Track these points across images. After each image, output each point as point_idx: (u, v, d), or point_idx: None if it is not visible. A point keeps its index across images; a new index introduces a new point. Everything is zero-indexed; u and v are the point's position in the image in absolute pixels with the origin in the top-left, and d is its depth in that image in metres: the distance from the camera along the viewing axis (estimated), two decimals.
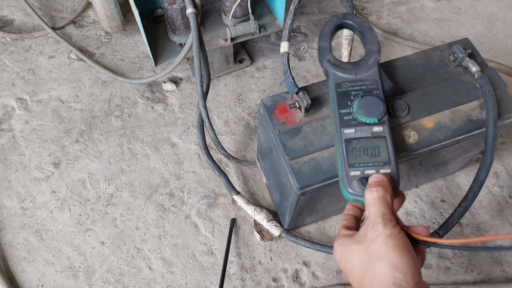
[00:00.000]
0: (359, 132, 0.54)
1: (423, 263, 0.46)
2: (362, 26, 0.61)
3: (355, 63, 0.59)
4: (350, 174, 0.52)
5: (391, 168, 0.52)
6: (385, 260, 0.40)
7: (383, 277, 0.39)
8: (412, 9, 1.22)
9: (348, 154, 0.53)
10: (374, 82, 0.57)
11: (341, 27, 0.63)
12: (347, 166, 0.53)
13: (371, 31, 0.61)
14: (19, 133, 0.97)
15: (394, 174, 0.52)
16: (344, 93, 0.57)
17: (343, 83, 0.57)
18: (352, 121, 0.55)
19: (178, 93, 1.04)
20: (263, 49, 1.12)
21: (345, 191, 0.52)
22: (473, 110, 0.64)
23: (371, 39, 0.60)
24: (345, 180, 0.52)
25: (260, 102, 0.65)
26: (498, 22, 1.19)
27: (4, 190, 0.90)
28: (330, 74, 0.59)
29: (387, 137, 0.54)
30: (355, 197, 0.52)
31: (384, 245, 0.41)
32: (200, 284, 0.81)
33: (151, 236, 0.85)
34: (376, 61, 0.58)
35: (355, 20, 0.62)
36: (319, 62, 0.61)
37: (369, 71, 0.58)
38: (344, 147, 0.54)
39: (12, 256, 0.83)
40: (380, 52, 0.59)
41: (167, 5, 0.87)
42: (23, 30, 1.13)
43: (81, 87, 1.04)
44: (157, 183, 0.91)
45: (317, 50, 0.62)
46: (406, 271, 0.39)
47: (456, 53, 0.66)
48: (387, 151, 0.53)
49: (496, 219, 0.88)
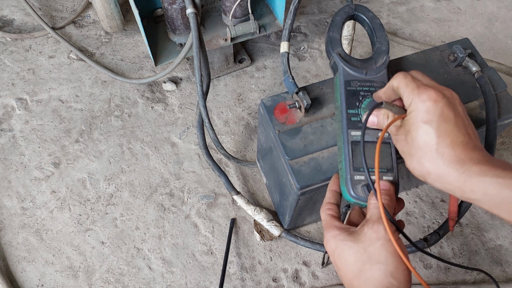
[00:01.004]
0: (366, 136, 0.53)
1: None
2: (373, 22, 0.60)
3: (364, 61, 0.58)
4: (355, 178, 0.51)
5: (393, 175, 0.51)
6: (383, 265, 0.40)
7: (378, 280, 0.40)
8: (412, 9, 1.22)
9: (354, 157, 0.52)
10: (383, 85, 0.56)
11: (352, 18, 0.62)
12: (352, 169, 0.51)
13: (382, 29, 0.59)
14: (19, 133, 0.97)
15: (396, 181, 0.51)
16: (353, 93, 0.56)
17: (353, 82, 0.56)
18: (360, 123, 0.54)
19: (178, 93, 1.04)
20: (263, 49, 1.12)
21: (347, 194, 0.52)
22: (473, 110, 0.64)
23: (381, 37, 0.59)
24: (349, 184, 0.51)
25: (260, 102, 0.65)
26: (498, 22, 1.19)
27: (4, 190, 0.90)
28: (340, 69, 0.57)
29: (391, 144, 0.53)
30: (357, 201, 0.51)
31: (384, 249, 0.41)
32: (200, 284, 0.81)
33: (151, 236, 0.85)
34: (386, 62, 0.57)
35: (368, 14, 0.60)
36: (327, 54, 0.60)
37: (378, 73, 0.57)
38: (350, 150, 0.53)
39: (12, 256, 0.83)
40: (388, 53, 0.58)
41: (167, 5, 0.87)
42: (23, 30, 1.13)
43: (81, 87, 1.04)
44: (157, 183, 0.91)
45: (325, 40, 0.60)
46: (401, 279, 0.40)
47: (456, 53, 0.66)
48: (391, 157, 0.52)
49: (496, 219, 0.88)
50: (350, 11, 0.61)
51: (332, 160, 0.60)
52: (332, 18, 0.60)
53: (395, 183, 0.51)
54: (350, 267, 0.42)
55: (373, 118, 0.50)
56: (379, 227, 0.42)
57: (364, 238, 0.43)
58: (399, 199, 0.51)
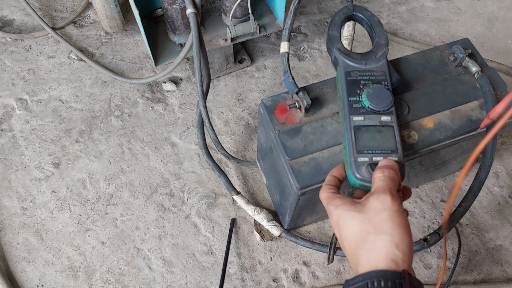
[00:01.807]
0: (368, 120, 0.56)
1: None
2: (371, 20, 0.63)
3: (364, 54, 0.60)
4: (359, 160, 0.53)
5: (398, 156, 0.53)
6: (388, 236, 0.40)
7: (383, 251, 0.39)
8: (412, 9, 1.22)
9: (357, 140, 0.54)
10: (383, 73, 0.59)
11: (350, 18, 0.65)
12: (356, 152, 0.53)
13: (380, 25, 0.62)
14: (19, 133, 0.97)
15: (401, 162, 0.53)
16: (354, 82, 0.58)
17: (353, 72, 0.59)
18: (361, 109, 0.56)
19: (178, 93, 1.04)
20: (263, 49, 1.12)
21: (352, 176, 0.53)
22: (473, 110, 0.64)
23: (380, 33, 0.62)
24: (353, 166, 0.53)
25: (260, 102, 0.65)
26: (498, 22, 1.19)
27: (4, 190, 0.90)
28: (340, 62, 0.60)
29: (394, 127, 0.55)
30: (362, 182, 0.52)
31: (390, 220, 0.41)
32: (200, 284, 0.81)
33: (151, 236, 0.85)
34: (385, 53, 0.60)
35: (365, 13, 0.63)
36: (328, 51, 0.63)
37: (378, 63, 0.59)
38: (353, 134, 0.55)
39: (12, 256, 0.83)
40: (388, 46, 0.61)
41: (167, 5, 0.87)
42: (23, 30, 1.13)
43: (81, 87, 1.04)
44: (157, 183, 0.91)
45: (326, 39, 0.63)
46: (405, 250, 0.40)
47: (456, 53, 0.66)
48: (395, 140, 0.54)
49: (496, 219, 0.88)
50: (348, 11, 0.63)
51: (332, 160, 0.60)
52: (331, 19, 0.63)
53: (400, 163, 0.52)
54: (354, 237, 0.42)
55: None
56: (385, 198, 0.42)
57: (369, 209, 0.43)
58: (406, 188, 0.51)
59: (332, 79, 0.66)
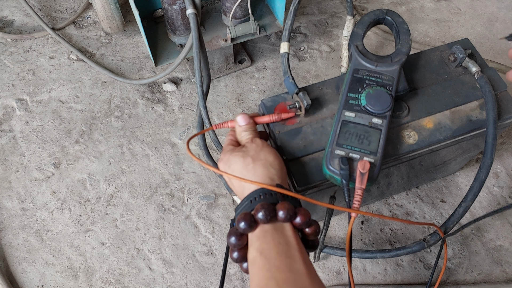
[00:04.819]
0: (358, 118, 0.56)
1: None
2: (401, 27, 0.63)
3: (380, 57, 0.61)
4: (335, 152, 0.54)
5: (375, 159, 0.54)
6: (263, 160, 0.51)
7: (263, 171, 0.50)
8: (412, 9, 1.22)
9: (340, 134, 0.55)
10: (391, 79, 0.59)
11: (380, 22, 0.65)
12: (335, 144, 0.55)
13: (407, 34, 0.63)
14: (19, 134, 0.97)
15: (376, 164, 0.53)
16: (359, 79, 0.59)
17: (361, 70, 0.60)
18: (356, 106, 0.57)
19: (178, 94, 1.04)
20: (263, 50, 1.12)
21: (325, 166, 0.55)
22: (473, 110, 0.64)
23: (404, 41, 0.62)
24: (328, 156, 0.54)
25: (260, 102, 0.65)
26: (498, 23, 1.19)
27: (4, 190, 0.90)
28: (353, 59, 0.61)
29: (382, 131, 0.56)
30: (332, 174, 0.54)
31: (262, 150, 0.53)
32: (200, 284, 0.81)
33: (151, 237, 0.85)
34: (401, 61, 0.60)
35: (396, 19, 0.64)
36: (347, 46, 0.64)
37: (389, 68, 0.60)
38: (339, 126, 0.56)
39: (12, 256, 0.83)
40: (408, 55, 0.61)
41: (167, 5, 0.87)
42: (23, 31, 1.13)
43: (81, 88, 1.04)
44: (157, 184, 0.91)
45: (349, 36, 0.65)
46: (278, 167, 0.51)
47: (456, 53, 0.66)
48: (378, 143, 0.55)
49: (496, 220, 0.88)
50: (381, 14, 0.64)
51: None
52: (361, 18, 0.64)
53: (373, 165, 0.53)
54: (240, 170, 0.52)
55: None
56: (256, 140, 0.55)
57: (247, 149, 0.54)
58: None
59: (332, 79, 0.66)
